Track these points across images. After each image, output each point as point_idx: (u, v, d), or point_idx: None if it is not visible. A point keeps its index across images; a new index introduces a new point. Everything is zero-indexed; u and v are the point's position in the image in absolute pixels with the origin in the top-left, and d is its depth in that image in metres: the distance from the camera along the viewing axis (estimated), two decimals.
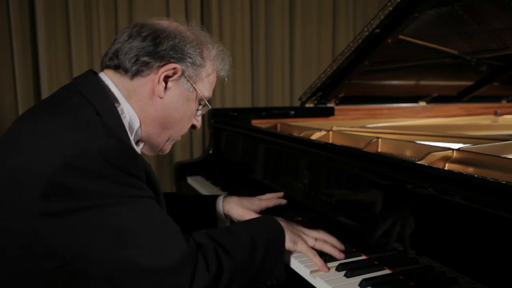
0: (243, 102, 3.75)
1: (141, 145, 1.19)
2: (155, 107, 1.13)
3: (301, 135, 1.83)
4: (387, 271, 1.13)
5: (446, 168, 1.24)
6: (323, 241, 1.21)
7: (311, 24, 3.95)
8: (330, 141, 1.79)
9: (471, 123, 2.46)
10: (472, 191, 0.96)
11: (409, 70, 2.54)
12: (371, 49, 2.10)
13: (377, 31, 1.96)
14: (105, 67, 1.14)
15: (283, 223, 1.19)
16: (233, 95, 3.70)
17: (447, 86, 2.84)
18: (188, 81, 1.14)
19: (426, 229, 1.07)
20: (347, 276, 1.10)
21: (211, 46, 1.20)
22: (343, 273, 1.11)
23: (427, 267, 1.05)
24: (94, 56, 3.20)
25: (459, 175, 1.04)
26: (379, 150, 1.57)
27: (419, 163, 1.18)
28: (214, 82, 1.24)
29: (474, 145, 1.48)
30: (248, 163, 2.02)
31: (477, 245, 0.95)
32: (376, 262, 1.17)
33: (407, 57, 2.35)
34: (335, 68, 2.24)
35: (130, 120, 1.11)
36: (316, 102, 2.55)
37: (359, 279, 1.08)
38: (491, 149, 1.38)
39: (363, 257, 1.20)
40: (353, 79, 2.38)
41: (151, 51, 1.09)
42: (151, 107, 1.12)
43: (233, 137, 2.19)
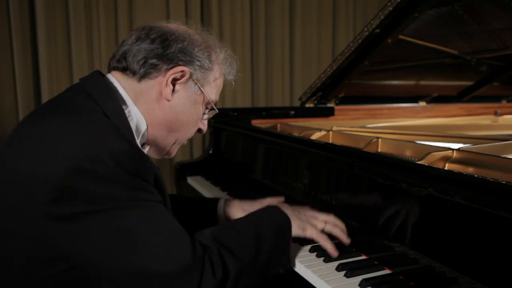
0: (243, 102, 3.75)
1: (147, 148, 1.18)
2: (162, 109, 1.12)
3: (301, 135, 1.82)
4: (387, 271, 1.12)
5: (446, 168, 1.24)
6: (333, 224, 1.23)
7: (311, 24, 3.95)
8: (330, 141, 1.79)
9: (471, 123, 2.45)
10: (472, 191, 0.96)
11: (409, 70, 2.54)
12: (371, 49, 2.10)
13: (377, 31, 1.96)
14: (112, 69, 1.13)
15: (288, 211, 1.20)
16: (233, 95, 3.70)
17: (447, 86, 2.84)
18: (195, 84, 1.14)
19: (426, 229, 1.07)
20: (347, 276, 1.10)
21: (219, 50, 1.19)
22: (343, 273, 1.11)
23: (427, 267, 1.05)
24: (94, 56, 3.20)
25: (459, 175, 1.04)
26: (379, 150, 1.56)
27: (419, 163, 1.18)
28: (221, 86, 1.23)
29: (474, 145, 1.48)
30: (248, 163, 2.02)
31: (477, 245, 0.95)
32: (376, 262, 1.17)
33: (407, 57, 2.35)
34: (335, 68, 2.24)
35: (137, 122, 1.10)
36: (316, 102, 2.55)
37: (359, 279, 1.07)
38: (491, 149, 1.37)
39: (363, 257, 1.20)
40: (353, 79, 2.37)
41: (160, 54, 1.08)
42: (158, 109, 1.12)
43: (233, 137, 2.19)
